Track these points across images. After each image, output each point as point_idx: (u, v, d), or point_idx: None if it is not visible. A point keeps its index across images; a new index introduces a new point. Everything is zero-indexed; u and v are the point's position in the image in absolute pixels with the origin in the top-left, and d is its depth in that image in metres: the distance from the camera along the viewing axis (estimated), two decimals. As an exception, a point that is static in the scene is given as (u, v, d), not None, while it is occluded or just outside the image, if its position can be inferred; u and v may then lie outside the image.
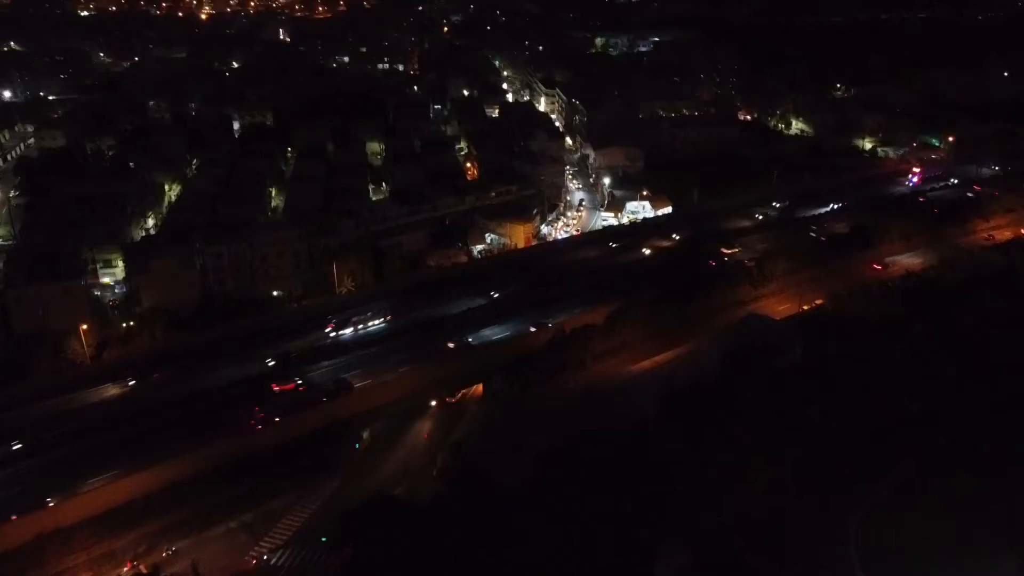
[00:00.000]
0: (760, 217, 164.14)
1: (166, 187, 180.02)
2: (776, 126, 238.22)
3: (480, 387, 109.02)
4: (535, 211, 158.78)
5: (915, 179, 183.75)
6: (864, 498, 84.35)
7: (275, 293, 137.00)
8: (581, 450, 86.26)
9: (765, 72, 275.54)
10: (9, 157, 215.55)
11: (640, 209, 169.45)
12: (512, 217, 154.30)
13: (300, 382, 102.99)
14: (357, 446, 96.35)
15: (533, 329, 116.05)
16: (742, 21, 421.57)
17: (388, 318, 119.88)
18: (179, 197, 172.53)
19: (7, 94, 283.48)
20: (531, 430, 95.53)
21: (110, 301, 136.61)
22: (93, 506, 78.77)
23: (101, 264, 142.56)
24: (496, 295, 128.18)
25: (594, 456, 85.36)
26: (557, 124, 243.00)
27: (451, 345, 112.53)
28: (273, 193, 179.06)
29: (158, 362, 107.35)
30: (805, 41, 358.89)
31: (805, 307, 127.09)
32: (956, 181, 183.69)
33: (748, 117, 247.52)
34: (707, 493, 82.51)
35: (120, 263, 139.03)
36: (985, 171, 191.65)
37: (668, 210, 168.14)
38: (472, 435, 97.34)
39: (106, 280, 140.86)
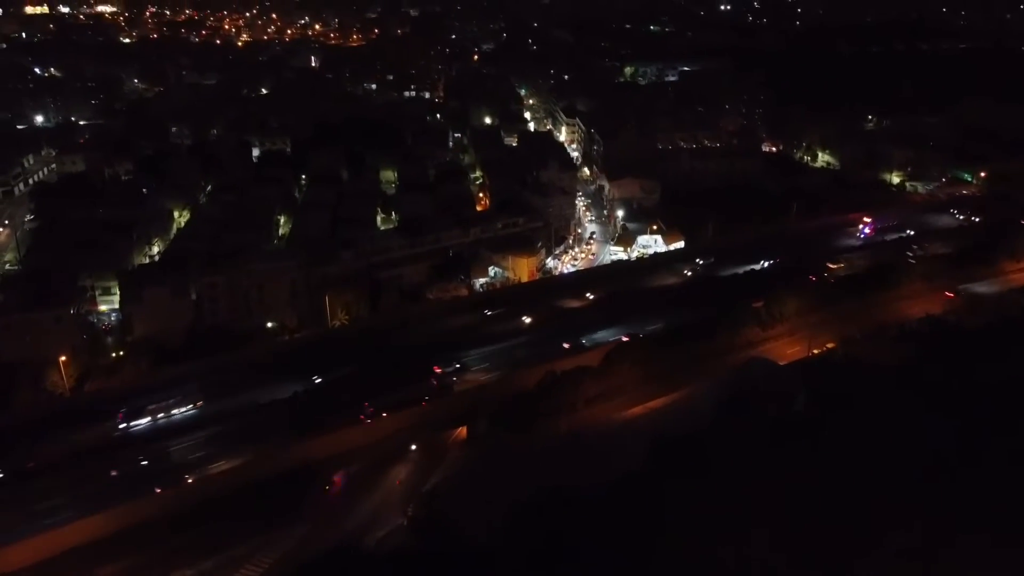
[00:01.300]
0: (688, 273, 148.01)
1: (176, 213, 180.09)
2: (802, 158, 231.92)
3: (464, 430, 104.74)
4: (539, 244, 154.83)
5: (867, 230, 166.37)
6: (864, 565, 77.94)
7: (269, 324, 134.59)
8: (558, 503, 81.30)
9: (794, 102, 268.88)
10: (31, 181, 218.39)
11: (652, 243, 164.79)
12: (515, 250, 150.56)
13: (459, 366, 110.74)
14: (327, 489, 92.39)
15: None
16: (776, 50, 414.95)
17: (199, 404, 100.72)
18: (187, 223, 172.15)
19: (39, 119, 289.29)
20: (512, 478, 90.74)
21: (104, 326, 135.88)
22: (40, 551, 75.62)
23: (100, 291, 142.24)
24: (319, 380, 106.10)
25: (571, 510, 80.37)
26: (575, 154, 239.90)
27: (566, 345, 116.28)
28: (282, 221, 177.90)
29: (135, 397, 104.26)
30: (839, 71, 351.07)
31: (815, 351, 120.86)
32: (912, 232, 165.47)
33: (773, 148, 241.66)
34: (691, 555, 76.85)
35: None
36: (948, 220, 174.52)
37: (680, 245, 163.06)
38: (448, 482, 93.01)
39: (103, 308, 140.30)
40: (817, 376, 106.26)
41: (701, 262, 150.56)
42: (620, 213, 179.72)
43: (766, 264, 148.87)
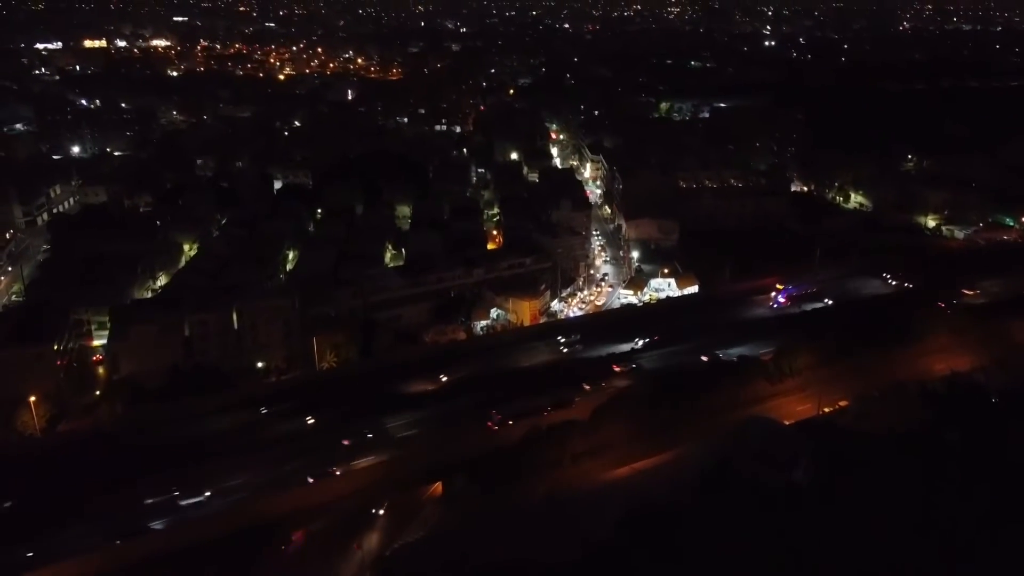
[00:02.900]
0: (565, 349, 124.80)
1: (186, 246, 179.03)
2: (834, 199, 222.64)
3: (440, 485, 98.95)
4: (543, 286, 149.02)
5: (781, 298, 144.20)
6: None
7: (260, 364, 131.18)
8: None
9: (831, 140, 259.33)
10: (55, 211, 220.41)
11: (665, 287, 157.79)
12: (518, 292, 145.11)
13: (635, 366, 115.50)
14: (284, 548, 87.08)
15: None
16: (818, 87, 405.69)
17: None
18: (193, 257, 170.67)
19: (76, 149, 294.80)
20: (479, 544, 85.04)
21: (94, 361, 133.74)
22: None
23: (96, 326, 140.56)
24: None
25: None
26: (598, 191, 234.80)
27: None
28: (290, 256, 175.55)
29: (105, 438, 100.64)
30: (882, 108, 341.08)
31: (826, 409, 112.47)
32: (830, 301, 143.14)
33: (804, 188, 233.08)
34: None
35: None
36: (878, 284, 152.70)
37: (694, 289, 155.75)
38: (412, 546, 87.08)
39: (97, 343, 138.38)
40: (823, 440, 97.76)
41: (563, 340, 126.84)
42: (635, 254, 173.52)
43: (640, 343, 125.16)
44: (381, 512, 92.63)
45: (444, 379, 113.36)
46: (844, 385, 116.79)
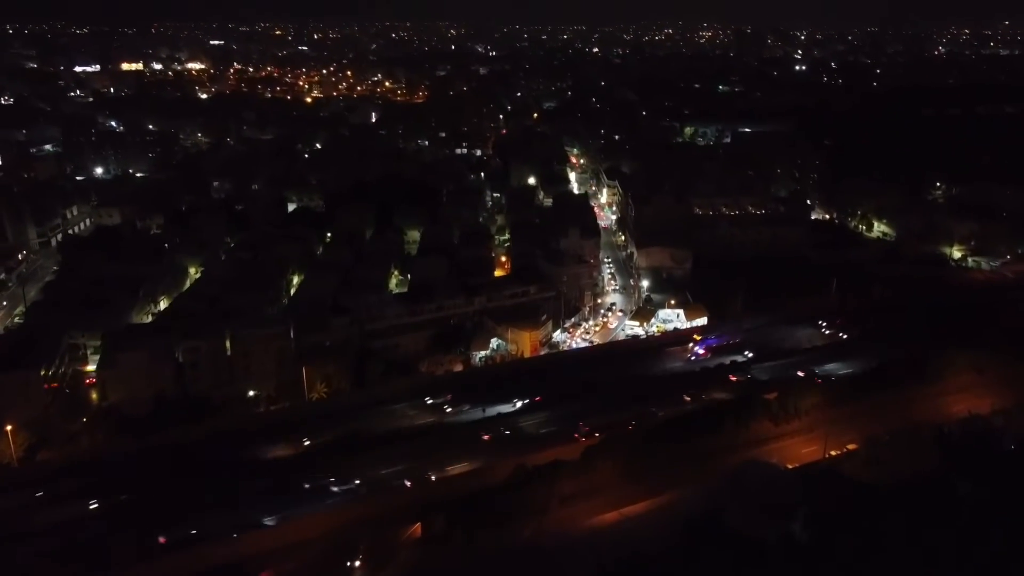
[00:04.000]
0: (448, 408, 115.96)
1: (192, 269, 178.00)
2: (857, 227, 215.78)
3: (419, 526, 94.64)
4: (544, 316, 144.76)
5: (700, 349, 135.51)
6: None
7: (251, 393, 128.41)
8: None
9: (858, 166, 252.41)
10: (71, 232, 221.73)
11: (673, 318, 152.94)
12: (519, 322, 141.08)
13: (750, 375, 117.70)
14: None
15: None
16: (847, 112, 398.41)
17: None
18: (195, 282, 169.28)
19: (99, 170, 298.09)
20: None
21: (87, 382, 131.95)
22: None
23: (92, 350, 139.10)
24: None
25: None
26: (613, 217, 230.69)
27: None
28: (295, 280, 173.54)
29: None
30: (913, 134, 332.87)
31: (833, 452, 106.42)
32: (751, 354, 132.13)
33: (826, 216, 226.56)
34: None
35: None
36: (809, 333, 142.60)
37: (703, 321, 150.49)
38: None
39: (91, 368, 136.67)
40: (824, 488, 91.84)
41: (431, 401, 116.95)
42: (645, 283, 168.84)
43: (520, 404, 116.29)
44: (358, 560, 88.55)
45: (306, 441, 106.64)
46: (855, 426, 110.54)
